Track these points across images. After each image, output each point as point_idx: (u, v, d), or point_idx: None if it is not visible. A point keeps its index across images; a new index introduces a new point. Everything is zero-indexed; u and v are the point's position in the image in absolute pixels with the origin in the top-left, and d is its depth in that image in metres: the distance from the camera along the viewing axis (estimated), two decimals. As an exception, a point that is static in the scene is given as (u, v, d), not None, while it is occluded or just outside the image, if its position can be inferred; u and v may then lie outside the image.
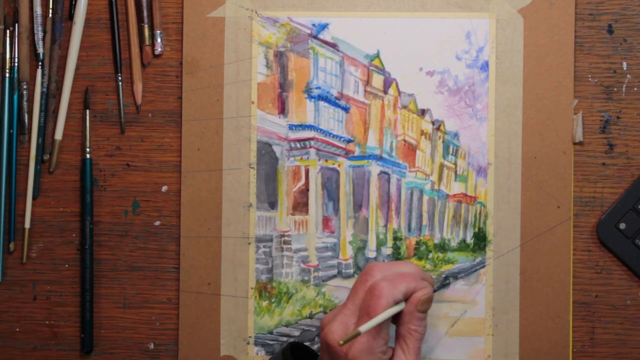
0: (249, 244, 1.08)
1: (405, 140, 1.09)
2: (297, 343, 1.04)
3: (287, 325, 1.08)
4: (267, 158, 1.08)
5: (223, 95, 1.08)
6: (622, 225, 1.06)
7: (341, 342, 0.91)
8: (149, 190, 1.09)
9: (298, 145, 1.09)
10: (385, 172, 1.09)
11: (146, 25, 1.09)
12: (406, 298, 0.97)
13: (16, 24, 1.09)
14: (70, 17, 1.09)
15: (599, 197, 1.07)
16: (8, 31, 1.09)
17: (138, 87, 1.09)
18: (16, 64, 1.09)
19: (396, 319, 0.98)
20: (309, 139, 1.08)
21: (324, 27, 1.08)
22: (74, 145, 1.10)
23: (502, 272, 1.07)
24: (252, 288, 1.08)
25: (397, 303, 0.96)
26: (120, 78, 1.09)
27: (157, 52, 1.09)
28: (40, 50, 1.09)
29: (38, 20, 1.09)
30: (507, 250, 1.07)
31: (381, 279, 0.96)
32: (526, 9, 1.07)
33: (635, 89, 1.07)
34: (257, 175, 1.08)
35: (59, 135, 1.09)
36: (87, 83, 1.10)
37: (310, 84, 1.09)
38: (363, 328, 0.92)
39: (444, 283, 1.05)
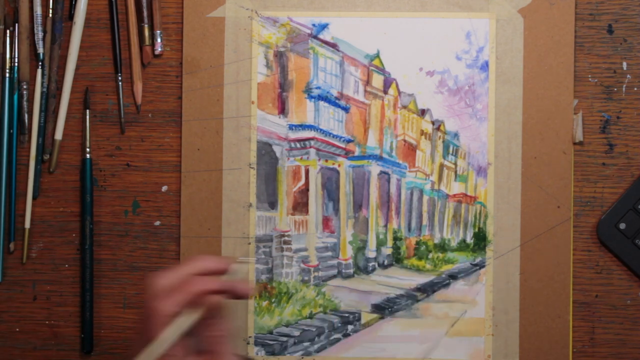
0: (249, 244, 1.08)
1: (405, 140, 1.09)
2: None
3: (287, 325, 1.08)
4: (267, 158, 1.08)
5: (223, 95, 1.08)
6: (622, 225, 1.06)
7: None
8: (149, 190, 1.09)
9: (298, 145, 1.09)
10: (385, 172, 1.09)
11: (146, 25, 1.09)
12: (195, 303, 0.81)
13: (16, 24, 1.09)
14: (70, 17, 1.09)
15: (599, 197, 1.07)
16: (8, 31, 1.09)
17: (138, 87, 1.09)
18: (16, 64, 1.09)
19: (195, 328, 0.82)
20: (309, 139, 1.08)
21: (324, 27, 1.08)
22: (74, 145, 1.10)
23: (502, 272, 1.07)
24: (252, 288, 1.08)
25: (177, 316, 0.80)
26: (120, 78, 1.09)
27: (157, 52, 1.09)
28: (40, 50, 1.09)
29: (38, 20, 1.09)
30: (507, 250, 1.07)
31: (153, 296, 0.80)
32: (526, 9, 1.07)
33: (635, 89, 1.07)
34: (257, 175, 1.08)
35: (59, 135, 1.09)
36: (87, 83, 1.10)
37: (310, 84, 1.09)
38: None
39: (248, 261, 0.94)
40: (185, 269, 0.83)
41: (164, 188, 1.09)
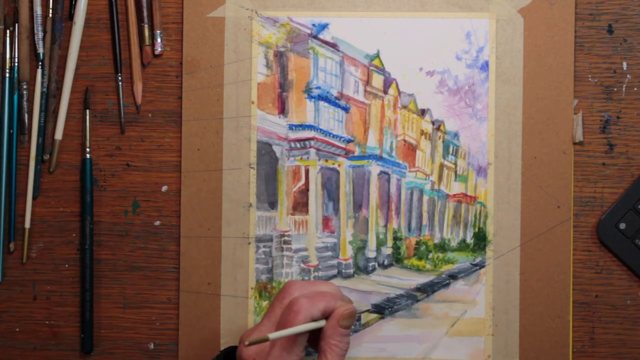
0: (249, 244, 1.08)
1: (405, 140, 1.09)
2: (233, 347, 1.03)
3: (287, 325, 1.08)
4: (267, 158, 1.08)
5: (223, 95, 1.08)
6: (622, 225, 1.06)
7: (247, 342, 0.91)
8: (149, 190, 1.09)
9: (298, 145, 1.09)
10: (385, 172, 1.09)
11: (146, 25, 1.09)
12: (325, 316, 0.96)
13: (16, 24, 1.09)
14: (70, 17, 1.09)
15: (599, 197, 1.07)
16: (8, 31, 1.09)
17: (138, 87, 1.09)
18: (16, 64, 1.09)
19: (316, 342, 0.98)
20: (309, 139, 1.09)
21: (324, 27, 1.08)
22: (74, 145, 1.10)
23: (502, 272, 1.07)
24: (252, 288, 1.08)
25: (314, 320, 0.95)
26: (120, 78, 1.09)
27: (157, 52, 1.09)
28: (40, 50, 1.09)
29: (38, 20, 1.09)
30: (507, 250, 1.07)
31: (300, 296, 0.96)
32: (526, 9, 1.07)
33: (635, 89, 1.07)
34: (257, 175, 1.08)
35: (59, 135, 1.09)
36: (87, 83, 1.10)
37: (310, 84, 1.09)
38: (273, 335, 0.92)
39: (364, 311, 1.06)
40: (325, 286, 0.99)
41: (164, 188, 1.09)
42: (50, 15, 1.09)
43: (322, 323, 0.96)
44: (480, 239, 1.08)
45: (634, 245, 1.06)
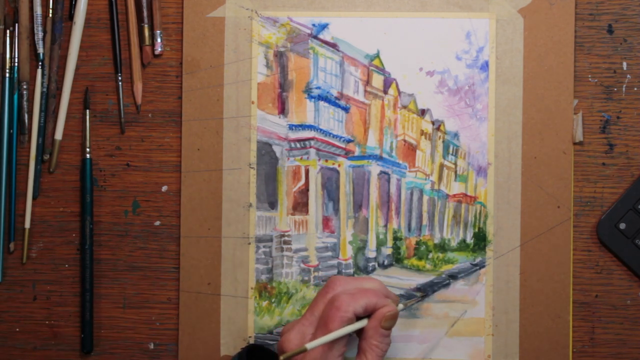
0: (249, 244, 1.08)
1: (405, 140, 1.09)
2: (255, 345, 1.03)
3: (287, 325, 1.08)
4: (267, 158, 1.08)
5: (223, 95, 1.08)
6: (622, 225, 1.06)
7: (282, 358, 0.92)
8: (149, 190, 1.09)
9: (298, 145, 1.09)
10: (385, 172, 1.09)
11: (146, 25, 1.09)
12: (367, 313, 0.97)
13: (16, 24, 1.09)
14: (70, 17, 1.09)
15: (599, 197, 1.07)
16: (8, 31, 1.09)
17: (138, 87, 1.09)
18: (16, 64, 1.09)
19: (359, 332, 0.98)
20: (309, 139, 1.09)
21: (324, 27, 1.08)
22: (74, 145, 1.10)
23: (502, 272, 1.07)
24: (252, 288, 1.08)
25: (356, 316, 0.96)
26: (120, 78, 1.09)
27: (157, 52, 1.09)
28: (40, 50, 1.09)
29: (38, 20, 1.09)
30: (507, 250, 1.07)
31: (342, 292, 0.97)
32: (526, 9, 1.07)
33: (635, 89, 1.07)
34: (257, 175, 1.08)
35: (59, 135, 1.09)
36: (87, 83, 1.10)
37: (310, 84, 1.09)
38: (310, 345, 0.92)
39: (417, 300, 1.06)
40: (369, 282, 0.99)
41: (164, 188, 1.09)
42: (50, 15, 1.09)
43: (363, 323, 0.96)
44: (480, 239, 1.08)
45: (634, 245, 1.06)
